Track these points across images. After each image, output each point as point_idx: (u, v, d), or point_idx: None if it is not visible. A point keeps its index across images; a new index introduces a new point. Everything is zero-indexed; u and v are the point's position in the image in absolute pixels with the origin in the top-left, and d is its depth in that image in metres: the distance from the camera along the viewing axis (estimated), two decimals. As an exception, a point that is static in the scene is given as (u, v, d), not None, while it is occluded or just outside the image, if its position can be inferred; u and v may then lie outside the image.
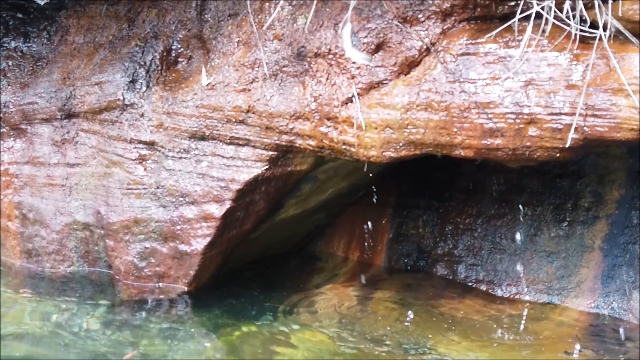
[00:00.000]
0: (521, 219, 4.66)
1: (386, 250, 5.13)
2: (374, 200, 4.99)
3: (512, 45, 3.52)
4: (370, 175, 4.38)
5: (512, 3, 3.54)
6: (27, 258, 5.05)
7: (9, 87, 5.07)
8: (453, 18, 3.67)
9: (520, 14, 3.38)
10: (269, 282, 4.93)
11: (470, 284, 4.79)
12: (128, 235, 4.56)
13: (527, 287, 4.61)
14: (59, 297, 4.58)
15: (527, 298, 4.59)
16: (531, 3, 3.34)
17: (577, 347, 4.02)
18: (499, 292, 4.68)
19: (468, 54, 3.60)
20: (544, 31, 3.36)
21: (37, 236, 4.95)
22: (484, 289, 4.72)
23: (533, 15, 3.34)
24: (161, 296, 4.53)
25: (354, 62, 3.82)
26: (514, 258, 4.69)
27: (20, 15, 5.26)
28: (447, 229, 4.94)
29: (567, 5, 3.29)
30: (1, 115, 5.06)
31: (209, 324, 4.27)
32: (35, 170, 4.94)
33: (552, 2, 3.28)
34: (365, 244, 5.21)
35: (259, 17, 4.21)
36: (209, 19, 4.48)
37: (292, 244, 5.34)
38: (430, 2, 3.68)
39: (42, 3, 4.46)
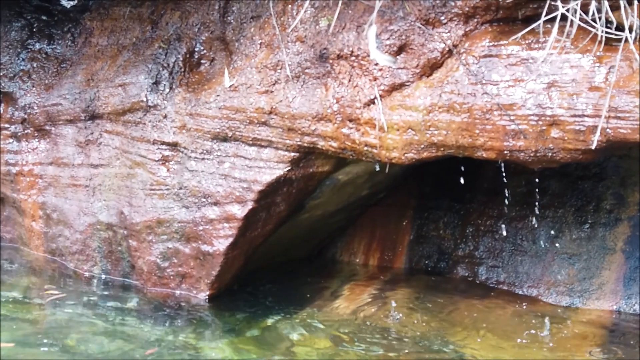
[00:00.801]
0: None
1: (407, 252, 5.14)
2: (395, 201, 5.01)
3: (534, 47, 3.52)
4: (392, 177, 4.38)
5: (535, 5, 3.55)
6: (50, 257, 5.10)
7: (34, 88, 5.12)
8: (475, 20, 3.68)
9: (545, 16, 3.38)
10: (289, 283, 4.95)
11: (491, 285, 4.80)
12: (151, 235, 4.59)
13: (549, 289, 4.61)
14: (82, 296, 4.62)
15: (548, 300, 4.59)
16: (555, 5, 3.33)
17: (599, 349, 4.01)
18: (520, 294, 4.68)
19: (490, 55, 3.61)
20: (568, 33, 3.36)
21: (60, 236, 5.00)
22: (505, 290, 4.72)
23: (558, 18, 3.33)
24: (183, 296, 4.56)
25: (376, 64, 3.84)
26: (535, 260, 4.69)
27: (44, 18, 5.31)
28: (468, 231, 4.95)
29: (592, 7, 3.28)
30: (26, 116, 5.11)
31: (229, 324, 4.28)
32: (59, 170, 4.99)
33: (577, 5, 3.28)
34: (386, 245, 5.22)
35: (282, 19, 4.23)
36: (232, 21, 4.50)
37: (312, 245, 5.36)
38: (453, 4, 3.68)
39: (69, 6, 4.49)
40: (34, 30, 5.30)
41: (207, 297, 4.52)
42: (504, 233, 4.74)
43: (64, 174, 4.97)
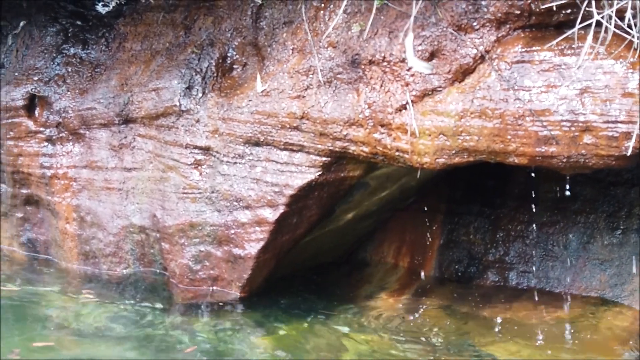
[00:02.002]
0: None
1: (437, 257, 5.14)
2: (425, 206, 5.01)
3: (567, 53, 3.51)
4: (423, 182, 4.40)
5: (568, 11, 3.54)
6: (84, 260, 5.17)
7: (68, 92, 5.20)
8: (508, 26, 3.68)
9: (579, 22, 3.38)
10: (319, 287, 4.98)
11: (521, 290, 4.78)
12: (183, 238, 4.64)
13: (580, 294, 4.59)
14: (116, 298, 4.68)
15: (579, 305, 4.57)
16: (589, 11, 3.33)
17: (629, 354, 3.99)
18: (551, 299, 4.66)
19: (523, 61, 3.60)
20: (602, 40, 3.35)
21: (94, 238, 5.07)
22: (536, 295, 4.71)
23: (593, 25, 3.33)
24: (215, 299, 4.60)
25: (408, 70, 3.85)
26: (566, 266, 4.67)
27: (79, 23, 5.39)
28: (498, 236, 4.94)
29: (628, 14, 3.27)
30: (61, 120, 5.19)
31: (261, 326, 4.31)
32: (93, 174, 5.06)
33: (612, 11, 3.27)
34: (416, 250, 5.23)
35: (314, 24, 4.25)
36: (264, 26, 4.54)
37: (342, 249, 5.38)
38: (485, 10, 3.68)
39: (104, 12, 4.56)
40: (69, 35, 5.38)
41: (238, 299, 4.56)
42: (534, 237, 4.73)
43: (97, 177, 5.04)
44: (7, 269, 5.33)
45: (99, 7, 4.60)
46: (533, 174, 4.23)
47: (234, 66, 4.63)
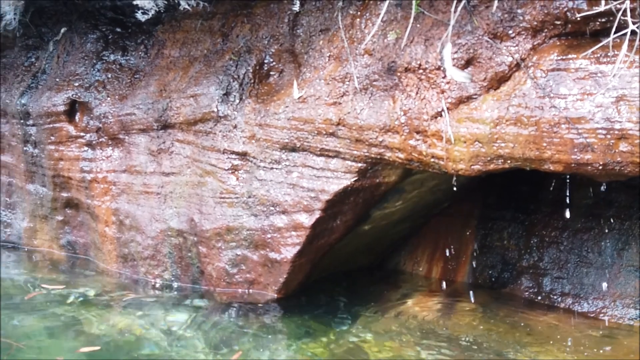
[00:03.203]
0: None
1: (470, 262, 5.16)
2: (459, 212, 5.03)
3: (603, 61, 3.53)
4: (457, 187, 4.42)
5: (604, 20, 3.55)
6: (122, 262, 5.26)
7: (108, 98, 5.29)
8: (544, 34, 3.70)
9: (615, 31, 3.39)
10: (353, 291, 5.01)
11: (555, 296, 4.79)
12: (220, 242, 4.71)
13: (614, 301, 4.58)
14: (156, 301, 4.75)
15: (614, 312, 4.56)
16: (625, 20, 3.34)
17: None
18: (585, 306, 4.66)
19: (558, 69, 3.62)
20: (638, 48, 3.37)
21: (133, 241, 5.15)
22: (570, 302, 4.71)
23: (629, 33, 3.35)
24: (251, 302, 4.66)
25: (443, 77, 3.88)
26: (600, 272, 4.67)
27: (119, 30, 5.48)
28: (532, 242, 4.95)
29: (663, 23, 3.29)
30: (100, 125, 5.28)
31: (296, 330, 4.36)
32: (132, 178, 5.14)
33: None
34: (449, 255, 5.25)
35: (350, 32, 4.30)
36: (301, 33, 4.60)
37: (376, 254, 5.42)
38: (521, 18, 3.71)
39: (143, 19, 4.64)
40: (109, 41, 5.47)
41: (274, 303, 4.61)
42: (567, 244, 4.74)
43: (136, 181, 5.12)
44: (47, 271, 5.44)
45: (139, 15, 4.67)
46: (568, 180, 4.25)
47: (271, 73, 4.69)
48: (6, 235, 6.12)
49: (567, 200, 4.59)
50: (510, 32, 3.76)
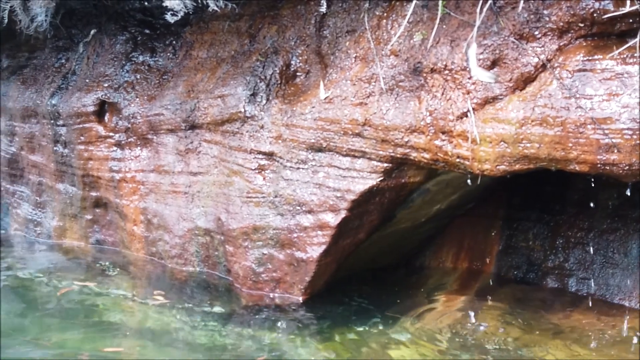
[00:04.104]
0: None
1: (495, 262, 5.17)
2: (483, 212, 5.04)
3: (629, 62, 3.53)
4: (481, 188, 4.44)
5: (630, 20, 3.56)
6: (150, 261, 5.32)
7: (137, 99, 5.36)
8: (570, 35, 3.71)
9: (641, 33, 3.41)
10: (378, 291, 5.03)
11: (581, 297, 4.78)
12: (247, 241, 4.76)
13: (640, 302, 4.59)
14: (182, 301, 4.80)
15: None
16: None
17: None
18: (611, 307, 4.65)
19: (584, 70, 3.63)
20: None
21: (160, 240, 5.21)
22: (595, 303, 4.70)
23: (655, 35, 3.36)
24: (277, 301, 4.70)
25: (469, 78, 3.90)
26: (626, 273, 4.66)
27: (147, 31, 5.55)
28: (557, 242, 4.95)
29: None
30: (129, 125, 5.35)
31: (321, 332, 4.37)
32: (160, 178, 5.20)
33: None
34: (474, 255, 5.26)
35: (376, 33, 4.33)
36: (327, 35, 4.63)
37: (401, 253, 5.43)
38: (547, 19, 3.72)
39: (172, 21, 4.70)
40: (138, 43, 5.54)
41: (300, 301, 4.65)
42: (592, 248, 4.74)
43: (164, 181, 5.18)
44: (76, 269, 5.52)
45: (168, 17, 4.74)
46: (593, 181, 4.24)
47: (298, 73, 4.73)
48: (36, 233, 6.22)
49: (593, 201, 4.60)
50: (537, 32, 3.77)
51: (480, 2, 3.81)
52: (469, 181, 4.20)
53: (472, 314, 4.63)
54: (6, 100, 6.28)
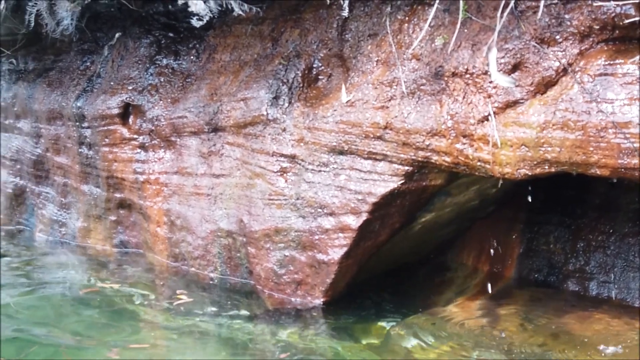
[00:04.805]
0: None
1: (516, 265, 5.17)
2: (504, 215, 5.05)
3: (651, 66, 3.54)
4: (502, 191, 4.45)
5: (652, 24, 3.57)
6: (173, 262, 5.38)
7: (161, 101, 5.42)
8: (591, 39, 3.71)
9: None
10: (398, 293, 5.05)
11: (601, 301, 4.78)
12: (269, 243, 4.80)
13: (662, 306, 4.58)
14: (205, 301, 4.85)
15: (661, 317, 4.55)
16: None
17: None
18: (632, 311, 4.65)
19: (606, 74, 3.63)
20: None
21: (183, 241, 5.26)
22: (616, 307, 4.70)
23: (676, 40, 3.36)
24: (298, 302, 4.74)
25: (490, 82, 3.92)
26: (648, 277, 4.67)
27: (171, 35, 5.62)
28: (578, 246, 4.95)
29: None
30: (153, 128, 5.41)
31: (342, 334, 4.41)
32: (183, 179, 5.26)
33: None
34: (495, 258, 5.27)
35: (398, 37, 4.36)
36: (349, 38, 4.66)
37: (422, 256, 5.46)
38: (569, 23, 3.73)
39: (197, 25, 4.75)
40: (162, 46, 5.61)
41: (321, 303, 4.68)
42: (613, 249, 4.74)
43: (187, 182, 5.24)
44: (101, 269, 5.59)
45: (194, 21, 4.79)
46: (613, 185, 4.25)
47: (319, 77, 4.76)
48: (61, 234, 6.30)
49: (614, 205, 4.58)
50: (558, 37, 3.78)
51: (502, 6, 3.83)
52: (490, 184, 4.22)
53: (493, 316, 4.64)
54: (32, 102, 6.37)
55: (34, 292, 5.02)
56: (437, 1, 4.10)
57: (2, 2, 5.48)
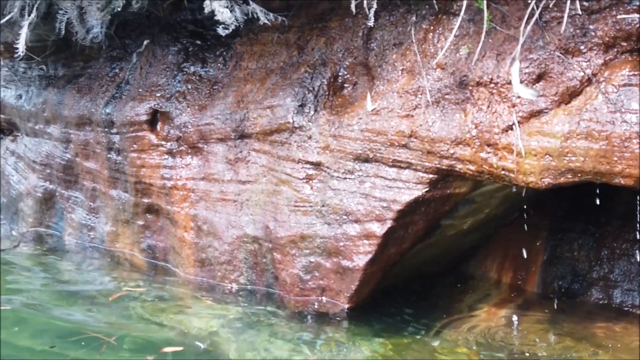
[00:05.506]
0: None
1: (540, 272, 5.19)
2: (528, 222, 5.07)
3: (675, 77, 3.56)
4: (526, 199, 4.47)
5: (676, 36, 3.59)
6: (200, 267, 5.44)
7: (188, 108, 5.48)
8: (615, 50, 3.74)
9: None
10: (422, 300, 5.08)
11: (626, 309, 4.79)
12: (294, 249, 4.85)
13: (686, 315, 4.58)
14: (229, 303, 4.92)
15: (685, 326, 4.55)
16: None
17: None
18: (658, 319, 4.67)
19: (630, 85, 3.65)
20: None
21: (210, 247, 5.33)
22: (640, 314, 4.72)
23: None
24: (323, 308, 4.78)
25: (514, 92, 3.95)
26: (672, 285, 4.67)
27: (198, 42, 5.68)
28: (603, 254, 4.96)
29: None
30: (181, 134, 5.48)
31: (366, 340, 4.43)
32: (210, 185, 5.32)
33: None
34: (519, 265, 5.29)
35: (423, 46, 4.40)
36: (375, 47, 4.70)
37: (445, 263, 5.48)
38: (593, 34, 3.76)
39: (224, 34, 4.81)
40: (189, 53, 5.68)
41: (346, 309, 4.72)
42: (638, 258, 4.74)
43: (214, 188, 5.30)
44: (128, 273, 5.68)
45: (219, 30, 4.85)
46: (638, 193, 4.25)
47: (345, 85, 4.80)
48: (90, 238, 6.40)
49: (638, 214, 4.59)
50: (582, 47, 3.81)
51: (526, 17, 3.86)
52: (514, 192, 4.25)
53: (516, 324, 4.66)
54: (62, 108, 6.46)
55: (60, 297, 5.11)
56: (463, 11, 4.13)
57: (34, 10, 5.57)
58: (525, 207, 4.86)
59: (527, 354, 4.24)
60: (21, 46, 5.47)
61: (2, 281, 5.39)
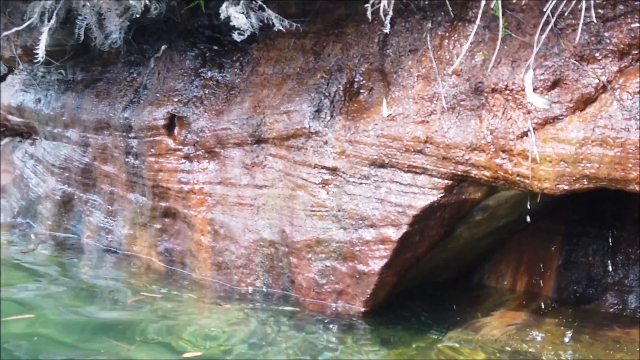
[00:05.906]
0: None
1: (555, 277, 5.20)
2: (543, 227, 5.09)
3: (690, 84, 3.57)
4: (541, 204, 4.49)
5: (691, 43, 3.60)
6: (217, 270, 5.49)
7: (205, 113, 5.53)
8: (630, 57, 3.76)
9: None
10: (437, 304, 5.10)
11: (640, 314, 4.81)
12: (310, 253, 4.89)
13: (701, 320, 4.58)
14: (246, 307, 4.96)
15: (700, 332, 4.56)
16: None
17: None
18: (671, 324, 4.67)
19: (645, 92, 3.68)
20: None
21: (227, 250, 5.37)
22: (655, 320, 4.72)
23: None
24: (339, 311, 4.82)
25: (531, 100, 3.97)
26: (687, 290, 4.68)
27: (215, 48, 5.73)
28: (618, 259, 4.97)
29: None
30: (198, 139, 5.53)
31: (382, 344, 4.46)
32: (227, 190, 5.37)
33: None
34: (533, 270, 5.30)
35: (438, 53, 4.43)
36: (390, 53, 4.74)
37: (460, 267, 5.51)
38: (608, 41, 3.78)
39: (239, 40, 4.86)
40: (206, 59, 5.73)
41: (362, 313, 4.76)
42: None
43: (231, 193, 5.34)
44: (146, 277, 5.73)
45: (235, 35, 4.90)
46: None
47: (361, 91, 4.84)
48: (107, 241, 6.47)
49: None
50: (597, 54, 3.83)
51: (541, 24, 3.88)
52: (529, 197, 4.27)
53: (531, 329, 4.67)
54: (80, 112, 6.53)
55: (78, 300, 5.17)
56: (479, 18, 4.16)
57: (53, 16, 5.64)
58: (540, 212, 4.88)
59: (545, 357, 4.25)
60: (41, 51, 5.55)
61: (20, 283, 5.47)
